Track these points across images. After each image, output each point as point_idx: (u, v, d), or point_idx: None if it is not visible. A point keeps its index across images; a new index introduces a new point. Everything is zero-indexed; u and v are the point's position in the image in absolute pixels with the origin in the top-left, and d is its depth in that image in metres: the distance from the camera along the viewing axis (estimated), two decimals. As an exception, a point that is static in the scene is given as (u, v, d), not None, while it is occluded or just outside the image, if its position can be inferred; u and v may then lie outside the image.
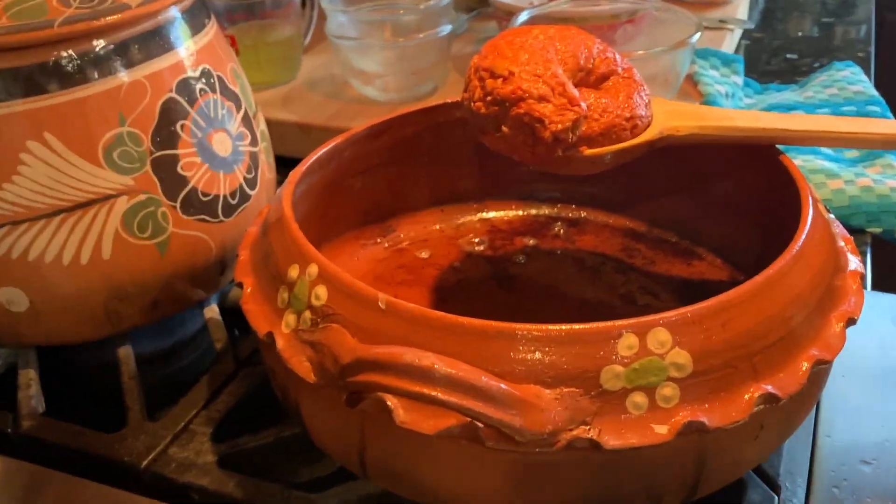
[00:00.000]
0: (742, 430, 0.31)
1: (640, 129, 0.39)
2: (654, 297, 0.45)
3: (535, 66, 0.36)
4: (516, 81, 0.36)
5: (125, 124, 0.41)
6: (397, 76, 0.72)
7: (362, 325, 0.32)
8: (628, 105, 0.39)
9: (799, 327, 0.32)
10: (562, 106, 0.36)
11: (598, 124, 0.38)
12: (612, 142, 0.38)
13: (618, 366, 0.29)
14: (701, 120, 0.40)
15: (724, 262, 0.47)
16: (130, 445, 0.41)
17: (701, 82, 0.70)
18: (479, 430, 0.29)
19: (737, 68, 0.75)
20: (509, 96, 0.36)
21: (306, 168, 0.42)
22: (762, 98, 0.75)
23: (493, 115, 0.36)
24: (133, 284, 0.44)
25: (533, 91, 0.36)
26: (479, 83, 0.37)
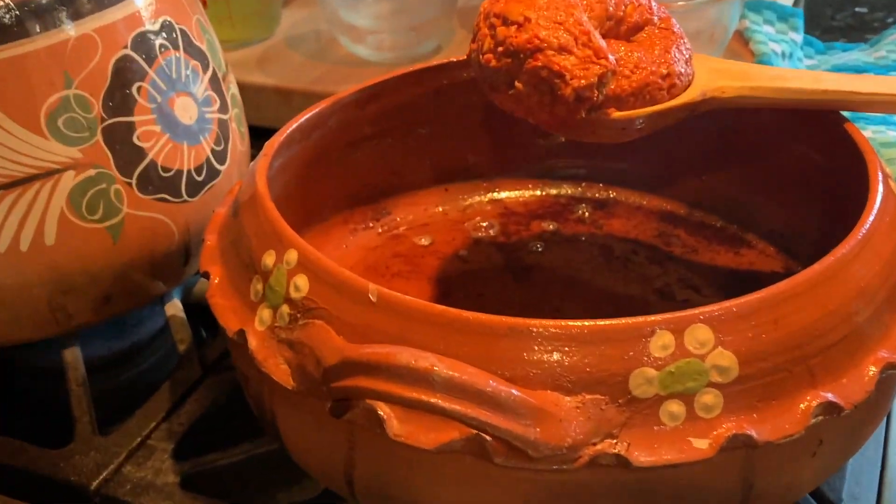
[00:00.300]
0: (797, 445, 0.31)
1: (678, 88, 0.39)
2: (695, 291, 0.45)
3: (556, 11, 0.36)
4: (533, 29, 0.36)
5: (72, 86, 0.42)
6: (393, 33, 0.73)
7: (350, 322, 0.32)
8: (665, 60, 0.39)
9: (865, 325, 0.32)
10: (586, 58, 0.36)
11: (629, 82, 0.38)
12: (645, 103, 0.38)
13: (650, 369, 0.29)
14: (751, 80, 0.40)
15: (778, 251, 0.47)
16: (78, 463, 0.41)
17: (753, 40, 0.70)
18: (486, 443, 0.29)
19: (795, 24, 0.74)
20: (524, 46, 0.36)
21: (284, 138, 0.42)
22: (825, 59, 0.75)
23: (506, 68, 0.36)
24: (82, 275, 0.44)
25: (552, 40, 0.35)
26: (490, 31, 0.37)
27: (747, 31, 0.71)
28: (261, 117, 0.69)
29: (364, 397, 0.30)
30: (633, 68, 0.38)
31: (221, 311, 0.36)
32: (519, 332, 0.30)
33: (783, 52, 0.70)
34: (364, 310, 0.32)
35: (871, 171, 0.36)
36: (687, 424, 0.29)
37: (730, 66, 0.41)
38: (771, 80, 0.40)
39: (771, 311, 0.30)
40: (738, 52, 0.71)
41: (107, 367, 0.50)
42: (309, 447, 0.35)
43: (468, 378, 0.28)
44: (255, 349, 0.34)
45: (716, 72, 0.40)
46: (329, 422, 0.32)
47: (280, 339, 0.33)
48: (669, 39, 0.40)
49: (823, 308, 0.31)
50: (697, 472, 0.30)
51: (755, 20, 0.72)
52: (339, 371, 0.30)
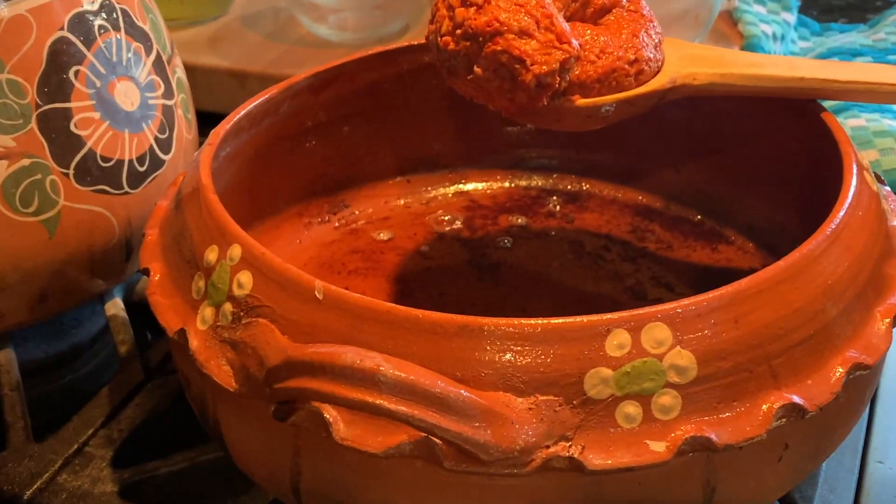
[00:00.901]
0: (760, 449, 0.33)
1: (646, 75, 0.41)
2: (668, 290, 0.47)
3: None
4: (493, 11, 0.37)
5: (4, 70, 0.43)
6: (357, 11, 0.74)
7: (295, 320, 0.33)
8: (633, 45, 0.40)
9: (833, 324, 0.34)
10: (548, 43, 0.37)
11: (594, 68, 0.39)
12: (611, 90, 0.40)
13: (606, 369, 0.31)
14: (724, 67, 0.41)
15: (757, 248, 0.49)
16: (11, 472, 0.42)
17: (742, 21, 0.72)
18: (435, 447, 0.31)
19: (788, 3, 0.77)
20: (483, 29, 0.37)
21: (231, 126, 0.44)
22: (821, 40, 0.77)
23: (464, 52, 0.38)
24: (15, 272, 0.45)
25: (513, 24, 0.37)
26: (449, 13, 0.39)
27: (736, 12, 0.73)
28: (213, 102, 0.70)
29: (308, 399, 0.31)
30: (598, 53, 0.40)
31: (162, 309, 0.38)
32: (470, 330, 0.31)
33: (774, 34, 0.72)
34: (310, 308, 0.33)
35: (846, 164, 0.38)
36: (644, 426, 0.31)
37: (703, 51, 0.43)
38: (745, 67, 0.42)
39: (731, 310, 0.32)
40: (727, 33, 0.73)
41: (43, 371, 0.52)
42: (253, 453, 0.37)
43: (416, 378, 0.30)
44: (197, 349, 0.35)
45: (687, 58, 0.42)
46: (273, 426, 0.33)
47: (222, 339, 0.35)
48: (638, 23, 0.41)
49: (788, 306, 0.33)
50: (656, 475, 0.32)
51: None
52: (282, 372, 0.32)
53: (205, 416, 0.38)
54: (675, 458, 0.31)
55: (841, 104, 0.65)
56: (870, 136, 0.61)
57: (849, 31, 0.79)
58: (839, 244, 0.35)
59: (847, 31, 0.79)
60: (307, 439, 0.34)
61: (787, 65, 0.42)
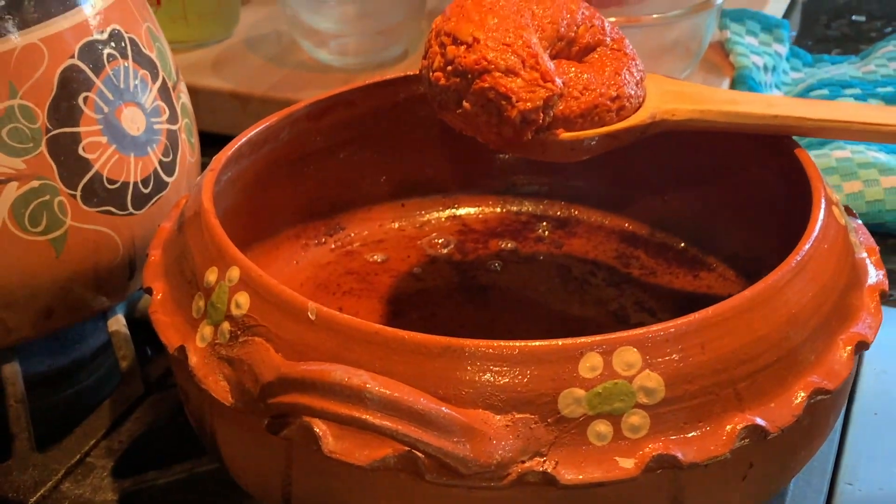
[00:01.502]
0: (725, 467, 0.35)
1: (628, 110, 0.43)
2: (650, 314, 0.50)
3: (505, 32, 0.41)
4: (481, 50, 0.40)
5: (17, 96, 0.46)
6: (358, 37, 0.77)
7: (289, 340, 0.36)
8: (615, 82, 0.43)
9: (796, 350, 0.36)
10: (532, 81, 0.40)
11: (577, 104, 0.42)
12: (594, 125, 0.43)
13: (579, 389, 0.33)
14: (702, 103, 0.44)
15: (738, 275, 0.51)
16: (15, 480, 0.45)
17: (733, 52, 0.75)
18: (418, 460, 0.33)
19: (780, 35, 0.79)
20: (472, 67, 0.40)
21: (233, 153, 0.46)
22: (812, 71, 0.80)
23: (454, 87, 0.41)
24: (22, 288, 0.48)
25: (500, 62, 0.40)
26: (440, 50, 0.42)
27: (728, 43, 0.76)
28: (215, 123, 0.73)
29: (299, 413, 0.34)
30: (581, 90, 0.42)
31: (163, 327, 0.40)
32: (452, 351, 0.34)
33: (765, 65, 0.75)
34: (303, 328, 0.36)
35: (815, 199, 0.41)
36: (614, 444, 0.34)
37: (683, 87, 0.46)
38: (722, 104, 0.44)
39: (698, 336, 0.34)
40: (718, 64, 0.75)
41: (47, 384, 0.54)
42: (247, 464, 0.39)
43: (400, 395, 0.33)
44: (195, 366, 0.38)
45: (668, 94, 0.45)
46: (267, 439, 0.36)
47: (220, 356, 0.38)
48: (621, 61, 0.44)
49: (753, 333, 0.35)
50: (625, 491, 0.35)
51: (737, 31, 0.77)
52: (275, 388, 0.34)
53: (202, 428, 0.41)
54: (643, 475, 0.33)
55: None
56: (854, 168, 0.64)
57: (840, 63, 0.81)
58: (804, 275, 0.37)
59: (838, 63, 0.81)
60: (298, 452, 0.36)
61: (763, 103, 0.45)
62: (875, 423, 0.48)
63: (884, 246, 0.62)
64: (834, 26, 0.93)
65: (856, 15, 0.95)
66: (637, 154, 0.52)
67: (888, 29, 0.91)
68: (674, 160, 0.53)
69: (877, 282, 0.41)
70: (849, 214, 0.44)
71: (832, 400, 0.38)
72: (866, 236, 0.44)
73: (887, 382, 0.50)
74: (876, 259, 0.42)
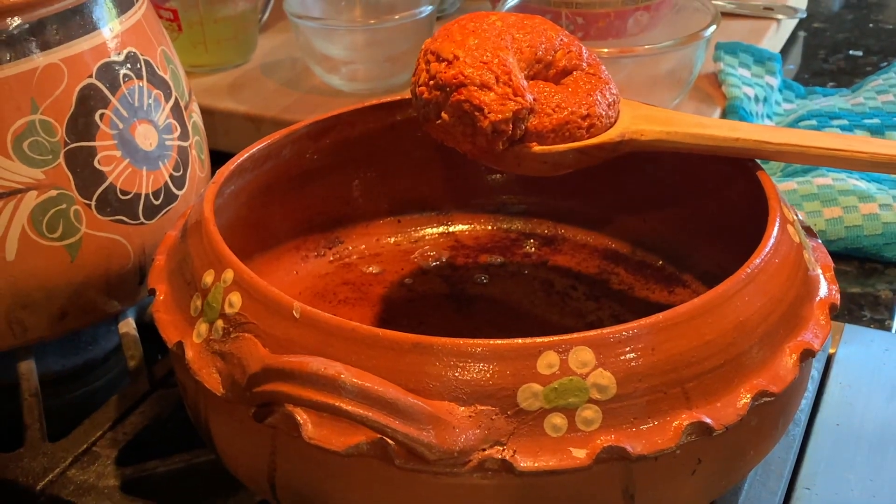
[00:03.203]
0: (673, 461, 0.38)
1: (598, 129, 0.47)
2: (624, 326, 0.52)
3: (483, 52, 0.44)
4: (459, 66, 0.44)
5: (38, 112, 0.49)
6: (368, 64, 0.81)
7: (275, 335, 0.39)
8: (586, 102, 0.46)
9: (743, 355, 0.39)
10: (503, 95, 0.44)
11: (549, 120, 0.46)
12: (565, 140, 0.46)
13: (536, 385, 0.36)
14: (669, 126, 0.47)
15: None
16: (27, 466, 0.48)
17: (726, 83, 0.78)
18: (388, 447, 0.36)
19: (772, 67, 0.82)
20: (451, 81, 0.44)
21: (235, 167, 0.50)
22: (804, 103, 0.83)
23: (435, 100, 0.45)
24: (39, 291, 0.52)
25: (475, 77, 0.44)
26: (426, 66, 0.45)
27: (721, 74, 0.79)
28: (230, 143, 0.77)
29: (281, 401, 0.37)
30: (554, 108, 0.46)
31: (164, 325, 0.44)
32: (422, 348, 0.37)
33: (757, 97, 0.78)
34: (288, 325, 0.39)
35: (770, 218, 0.44)
36: (568, 436, 0.36)
37: (655, 112, 0.49)
38: (689, 127, 0.47)
39: (649, 339, 0.37)
40: (711, 94, 0.78)
41: (61, 383, 0.58)
42: (237, 452, 0.42)
43: (372, 386, 0.36)
44: (191, 359, 0.41)
45: (639, 117, 0.48)
46: (254, 427, 0.39)
47: (214, 351, 0.41)
48: (595, 84, 0.47)
49: (701, 338, 0.38)
50: (579, 480, 0.37)
51: (730, 63, 0.80)
52: (260, 377, 0.37)
53: (198, 419, 0.44)
54: (595, 465, 0.36)
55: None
56: (835, 194, 0.67)
57: (831, 95, 0.84)
58: (753, 287, 0.40)
59: (830, 95, 0.84)
60: (282, 440, 0.39)
61: (727, 127, 0.48)
62: (837, 433, 0.51)
63: (861, 269, 0.65)
64: (832, 60, 0.96)
65: (853, 50, 0.98)
66: (621, 176, 0.55)
67: (884, 63, 0.94)
68: (653, 182, 0.56)
69: (827, 296, 0.43)
70: (809, 234, 0.47)
71: (779, 403, 0.41)
72: (823, 254, 0.46)
73: (850, 396, 0.52)
74: (830, 275, 0.45)
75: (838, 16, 1.06)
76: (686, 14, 0.77)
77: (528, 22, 0.48)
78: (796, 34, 1.01)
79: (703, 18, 0.72)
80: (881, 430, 0.50)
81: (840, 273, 0.64)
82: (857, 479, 0.48)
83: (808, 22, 1.03)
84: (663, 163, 0.54)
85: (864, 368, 0.54)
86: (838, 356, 0.55)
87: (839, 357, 0.55)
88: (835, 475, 0.48)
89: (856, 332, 0.57)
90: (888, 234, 0.65)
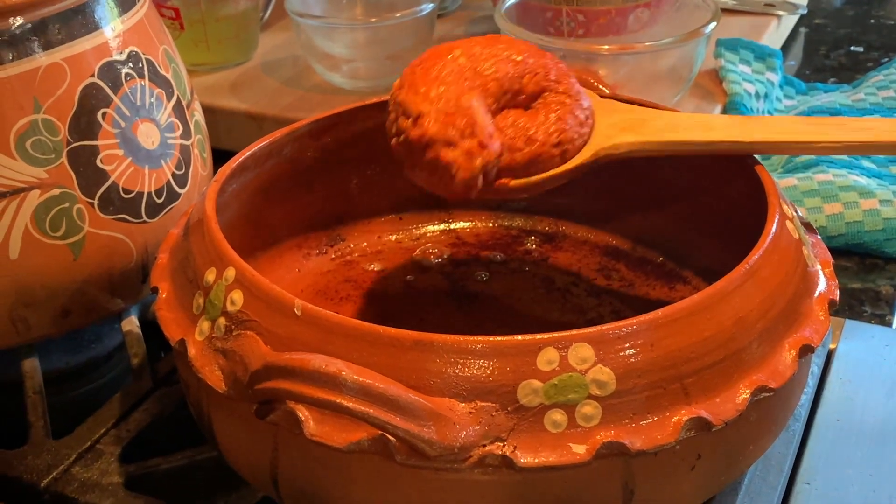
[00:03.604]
0: (673, 457, 0.38)
1: (572, 152, 0.47)
2: (625, 322, 0.52)
3: (447, 103, 0.45)
4: (424, 125, 0.44)
5: (40, 111, 0.50)
6: (369, 62, 0.81)
7: (277, 333, 0.39)
8: (557, 129, 0.47)
9: (742, 351, 0.39)
10: (469, 151, 0.44)
11: (521, 155, 0.46)
12: (539, 171, 0.47)
13: (536, 381, 0.37)
14: (643, 134, 0.48)
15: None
16: (31, 463, 0.48)
17: (726, 80, 0.78)
18: (389, 443, 0.36)
19: (773, 64, 0.82)
20: (417, 142, 0.45)
21: (237, 165, 0.50)
22: (805, 99, 0.83)
23: (406, 153, 0.46)
24: (42, 289, 0.52)
25: (440, 136, 0.44)
26: (395, 119, 0.46)
27: (722, 71, 0.79)
28: (232, 141, 0.77)
29: (283, 398, 0.37)
30: (525, 141, 0.46)
31: (166, 322, 0.44)
32: (423, 345, 0.37)
33: (757, 93, 0.78)
34: (289, 322, 0.39)
35: (769, 214, 0.44)
36: (568, 431, 0.37)
37: (629, 116, 0.49)
38: (662, 133, 0.48)
39: (648, 335, 0.38)
40: (712, 91, 0.78)
41: (64, 380, 0.58)
42: (239, 449, 0.43)
43: (372, 382, 0.36)
44: (194, 357, 0.41)
45: (614, 126, 0.48)
46: (256, 424, 0.39)
47: (216, 348, 0.41)
48: (565, 105, 0.48)
49: (699, 334, 0.38)
50: (579, 476, 0.38)
51: (731, 59, 0.80)
52: (261, 375, 0.37)
53: (200, 416, 0.44)
54: (594, 460, 0.36)
55: (811, 160, 0.70)
56: (836, 191, 0.67)
57: (832, 91, 0.84)
58: (752, 283, 0.40)
59: (831, 91, 0.84)
60: (284, 436, 0.40)
61: (702, 127, 0.48)
62: (837, 428, 0.51)
63: (862, 265, 0.65)
64: (833, 56, 0.96)
65: (854, 46, 0.98)
66: (621, 174, 0.55)
67: (885, 59, 0.94)
68: (654, 179, 0.56)
69: (826, 292, 0.43)
70: (808, 230, 0.47)
71: (778, 399, 0.41)
72: (822, 250, 0.47)
73: (850, 391, 0.53)
74: (829, 271, 0.45)
75: (839, 12, 1.06)
76: (687, 10, 0.77)
77: (493, 50, 0.47)
78: (797, 30, 1.01)
79: (703, 15, 0.73)
80: (881, 426, 0.51)
81: (840, 269, 0.64)
82: (857, 474, 0.48)
83: (809, 18, 1.03)
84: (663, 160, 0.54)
85: (864, 364, 0.55)
86: (839, 352, 0.55)
87: (839, 352, 0.55)
88: (835, 470, 0.48)
89: (856, 328, 0.57)
90: (889, 229, 0.65)
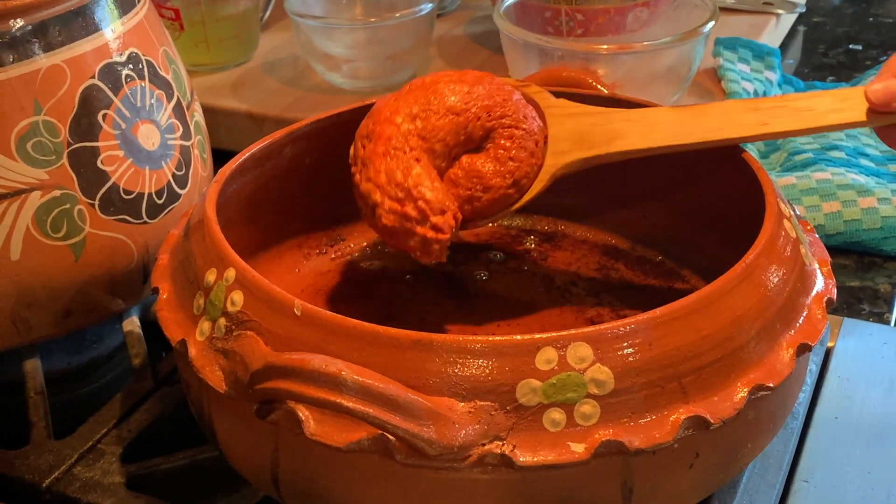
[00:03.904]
0: (671, 455, 0.38)
1: (528, 183, 0.50)
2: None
3: (397, 187, 0.47)
4: (382, 216, 0.47)
5: (41, 113, 0.50)
6: (369, 62, 0.81)
7: (277, 333, 0.39)
8: (509, 170, 0.49)
9: (740, 350, 0.39)
10: (424, 239, 0.47)
11: (481, 203, 0.50)
12: (501, 208, 0.50)
13: (535, 380, 0.37)
14: (590, 148, 0.50)
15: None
16: (32, 464, 0.48)
17: (725, 78, 0.78)
18: (389, 442, 0.36)
19: (772, 62, 0.82)
20: (382, 229, 0.48)
21: (237, 166, 0.50)
22: (803, 98, 0.83)
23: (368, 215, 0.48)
24: (44, 289, 0.52)
25: (397, 227, 0.47)
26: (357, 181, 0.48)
27: (720, 70, 0.79)
28: (232, 141, 0.77)
29: (283, 398, 0.37)
30: (482, 189, 0.49)
31: (167, 323, 0.44)
32: (422, 345, 0.37)
33: (756, 91, 0.78)
34: (290, 323, 0.39)
35: (767, 214, 0.44)
36: (566, 430, 0.37)
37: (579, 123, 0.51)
38: (606, 146, 0.49)
39: (646, 334, 0.38)
40: (711, 89, 0.78)
41: (66, 380, 0.58)
42: (240, 448, 0.43)
43: (372, 382, 0.36)
44: (194, 357, 0.41)
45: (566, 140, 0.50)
46: (257, 424, 0.39)
47: (216, 349, 0.41)
48: (514, 138, 0.50)
49: (697, 333, 0.38)
50: (579, 474, 0.38)
51: (729, 58, 0.80)
52: (262, 375, 0.38)
53: (201, 416, 0.45)
54: (593, 459, 0.37)
55: (810, 159, 0.70)
56: (834, 189, 0.67)
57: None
58: (749, 282, 0.41)
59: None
60: (284, 436, 0.40)
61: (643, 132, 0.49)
62: (835, 426, 0.51)
63: (860, 263, 0.66)
64: (831, 54, 0.96)
65: (853, 44, 0.98)
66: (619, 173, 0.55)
67: (883, 58, 0.94)
68: (651, 180, 0.56)
69: (823, 290, 0.44)
70: (805, 229, 0.48)
71: (776, 397, 0.41)
72: (820, 249, 0.47)
73: (849, 389, 0.53)
74: (826, 270, 0.45)
75: (838, 10, 1.06)
76: (685, 10, 0.77)
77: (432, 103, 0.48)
78: (796, 29, 1.01)
79: (702, 14, 0.73)
80: (879, 423, 0.51)
81: (839, 267, 0.64)
82: (855, 471, 0.48)
83: (808, 16, 1.03)
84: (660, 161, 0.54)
85: (862, 362, 0.55)
86: (837, 350, 0.55)
87: (838, 350, 0.55)
88: (833, 468, 0.48)
89: (854, 326, 0.57)
90: (887, 228, 0.65)
